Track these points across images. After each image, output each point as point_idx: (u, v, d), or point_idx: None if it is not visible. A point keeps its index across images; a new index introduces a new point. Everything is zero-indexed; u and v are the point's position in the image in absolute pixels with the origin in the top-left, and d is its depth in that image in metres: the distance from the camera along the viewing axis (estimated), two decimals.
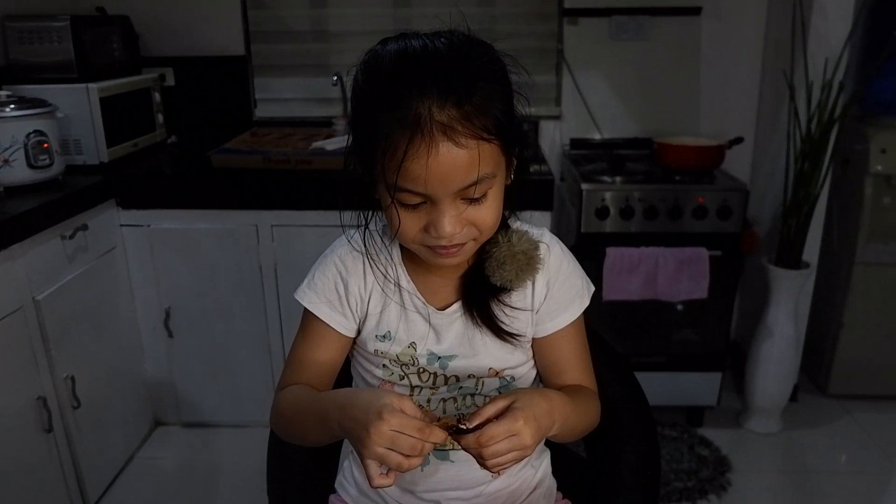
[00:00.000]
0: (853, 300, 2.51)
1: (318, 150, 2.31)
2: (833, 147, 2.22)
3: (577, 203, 2.25)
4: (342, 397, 0.84)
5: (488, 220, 0.84)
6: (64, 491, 1.98)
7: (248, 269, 2.27)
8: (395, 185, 0.78)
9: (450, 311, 0.95)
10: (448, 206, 0.80)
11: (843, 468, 2.32)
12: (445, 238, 0.82)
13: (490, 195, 0.83)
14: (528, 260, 0.91)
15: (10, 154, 1.92)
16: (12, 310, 1.74)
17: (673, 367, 2.40)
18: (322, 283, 0.96)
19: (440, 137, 0.75)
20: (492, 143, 0.79)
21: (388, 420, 0.74)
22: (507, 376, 0.98)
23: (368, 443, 0.74)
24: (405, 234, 0.84)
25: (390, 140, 0.76)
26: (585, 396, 0.97)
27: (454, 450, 0.98)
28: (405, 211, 0.82)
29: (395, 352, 0.95)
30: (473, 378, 0.96)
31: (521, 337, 0.95)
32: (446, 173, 0.77)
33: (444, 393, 0.96)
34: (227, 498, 2.18)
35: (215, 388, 2.43)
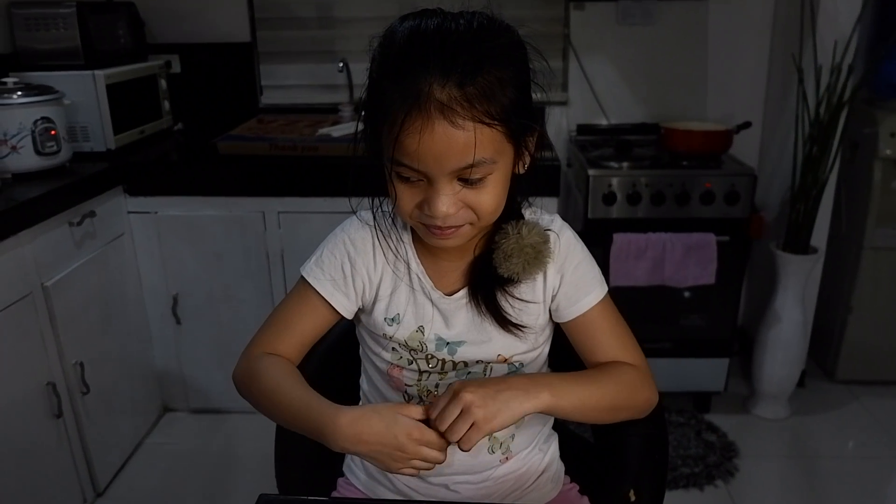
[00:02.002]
0: (861, 285, 2.50)
1: (325, 136, 2.30)
2: (842, 131, 2.20)
3: (583, 189, 2.24)
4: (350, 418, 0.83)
5: (486, 206, 0.83)
6: (74, 476, 2.00)
7: (255, 256, 2.27)
8: (392, 158, 0.79)
9: (456, 297, 0.95)
10: (443, 186, 0.80)
11: (850, 453, 2.32)
12: (439, 218, 0.81)
13: (490, 181, 0.81)
14: (536, 253, 0.90)
15: (17, 141, 1.93)
16: (21, 296, 1.75)
17: (680, 353, 2.40)
18: (329, 261, 0.96)
19: (436, 115, 0.75)
20: (494, 129, 0.78)
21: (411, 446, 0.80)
22: (516, 362, 0.97)
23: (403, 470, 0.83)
24: (402, 209, 0.84)
25: (391, 113, 0.77)
26: (611, 371, 0.94)
27: None
28: (403, 184, 0.82)
29: (404, 336, 0.95)
30: (482, 364, 0.96)
31: (527, 329, 0.94)
32: (440, 152, 0.76)
33: (451, 378, 0.96)
34: (235, 483, 2.19)
35: (223, 375, 2.44)
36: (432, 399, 0.97)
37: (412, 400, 0.99)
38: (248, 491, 0.85)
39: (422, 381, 0.97)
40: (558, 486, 1.09)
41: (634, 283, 2.24)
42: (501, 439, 1.00)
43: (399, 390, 0.99)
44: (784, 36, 2.46)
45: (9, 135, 1.92)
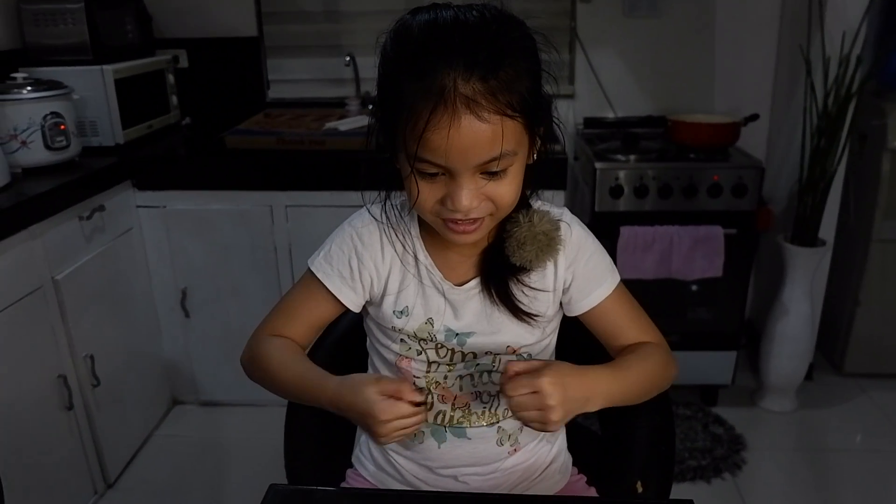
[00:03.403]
0: (869, 278, 2.49)
1: (332, 130, 2.31)
2: (850, 123, 2.19)
3: (590, 182, 2.24)
4: (333, 393, 0.88)
5: (507, 198, 0.84)
6: (85, 467, 2.02)
7: (263, 250, 2.28)
8: (416, 155, 0.78)
9: (467, 288, 0.95)
10: (467, 180, 0.80)
11: (858, 447, 2.32)
12: (462, 212, 0.82)
13: (510, 172, 0.82)
14: (548, 241, 0.91)
15: (27, 136, 1.94)
16: (32, 289, 1.77)
17: (687, 346, 2.39)
18: (337, 256, 0.97)
19: (463, 110, 0.75)
20: (515, 120, 0.78)
21: (385, 422, 0.81)
22: (524, 353, 0.98)
23: (380, 441, 0.85)
24: (422, 205, 0.84)
25: (413, 110, 0.76)
26: (641, 355, 0.97)
27: (471, 427, 0.99)
28: (424, 181, 0.82)
29: (413, 328, 0.95)
30: (491, 355, 0.96)
31: (539, 317, 0.95)
32: (467, 147, 0.76)
33: (460, 370, 0.97)
34: (244, 475, 2.21)
35: (231, 368, 2.43)
36: (442, 392, 0.97)
37: (421, 391, 0.98)
38: (258, 483, 0.86)
39: (430, 372, 0.97)
40: (566, 477, 1.09)
41: (642, 276, 2.24)
42: (510, 431, 1.01)
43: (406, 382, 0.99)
44: (792, 27, 2.45)
45: (18, 130, 1.94)
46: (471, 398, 0.98)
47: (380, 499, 0.98)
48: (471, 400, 0.98)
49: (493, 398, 0.98)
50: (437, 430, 1.00)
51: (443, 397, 0.98)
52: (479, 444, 1.00)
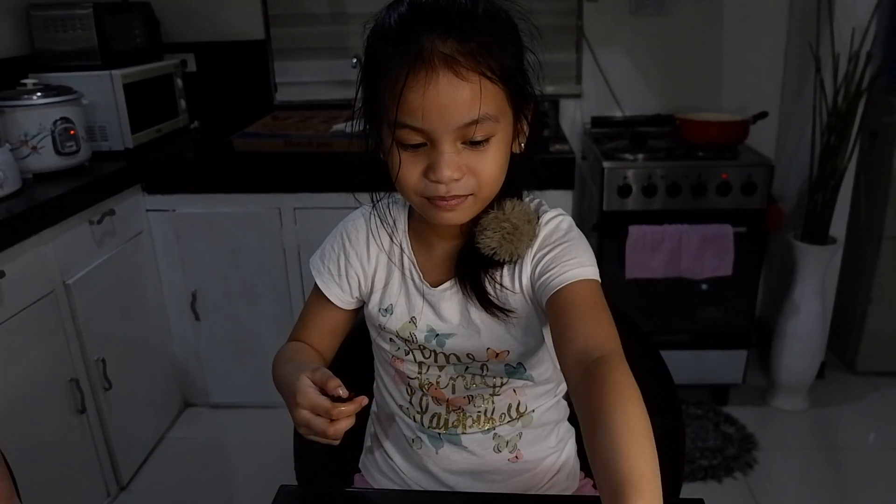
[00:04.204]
0: (881, 276, 2.47)
1: (339, 132, 2.32)
2: (860, 120, 2.18)
3: (598, 181, 2.24)
4: (288, 372, 0.87)
5: (489, 172, 0.81)
6: (98, 470, 2.03)
7: (272, 252, 2.29)
8: (395, 120, 0.77)
9: (443, 288, 0.93)
10: (448, 147, 0.78)
11: (870, 445, 2.30)
12: (444, 183, 0.80)
13: (492, 144, 0.80)
14: (514, 229, 0.87)
15: (37, 141, 1.96)
16: (44, 293, 1.78)
17: (698, 345, 2.39)
18: (329, 255, 0.98)
19: (441, 67, 0.75)
20: (496, 85, 0.78)
21: (301, 403, 0.79)
22: (513, 362, 0.94)
23: (294, 423, 0.82)
24: (404, 181, 0.82)
25: (392, 72, 0.76)
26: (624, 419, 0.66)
27: (466, 433, 0.98)
28: (406, 153, 0.80)
29: (396, 326, 0.95)
30: (476, 362, 0.94)
31: (511, 313, 0.90)
32: (445, 106, 0.75)
33: (451, 371, 0.96)
34: (255, 476, 2.22)
35: (242, 370, 2.47)
36: (434, 392, 0.97)
37: (415, 394, 0.98)
38: (268, 484, 0.87)
39: (422, 373, 0.96)
40: (574, 482, 1.08)
41: (651, 276, 2.23)
42: (507, 438, 0.99)
43: (402, 383, 0.99)
44: (801, 24, 2.44)
45: (29, 135, 1.95)
46: (464, 402, 0.96)
47: (386, 499, 0.98)
48: (464, 404, 0.96)
49: (488, 402, 0.97)
50: (433, 435, 0.99)
51: (436, 399, 0.97)
52: (477, 452, 0.98)
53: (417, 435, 1.00)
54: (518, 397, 0.97)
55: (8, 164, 1.83)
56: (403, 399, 1.00)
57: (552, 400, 1.01)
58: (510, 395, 0.97)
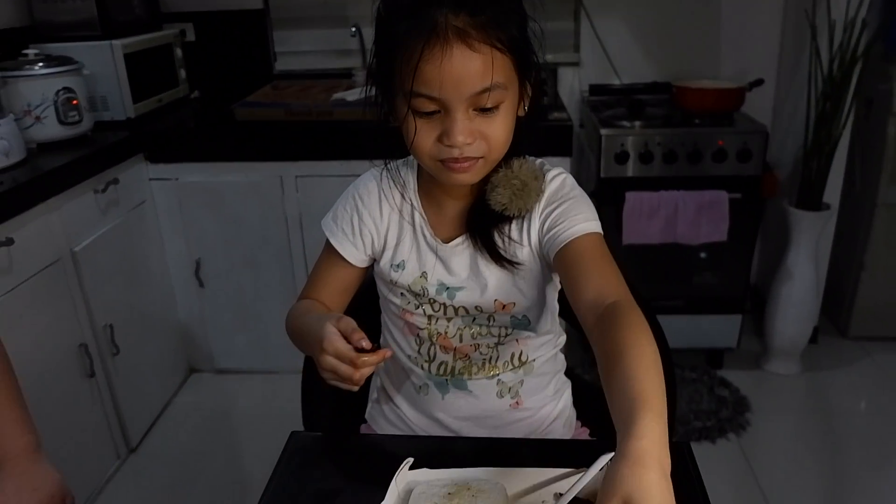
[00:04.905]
0: (875, 242, 2.51)
1: (339, 101, 2.33)
2: (857, 88, 2.20)
3: (596, 148, 2.26)
4: (309, 322, 0.91)
5: (498, 135, 0.87)
6: (108, 434, 2.09)
7: (274, 220, 2.32)
8: (412, 90, 0.82)
9: (454, 244, 0.99)
10: (461, 115, 0.83)
11: (862, 408, 2.36)
12: (457, 147, 0.85)
13: (501, 110, 0.85)
14: (522, 186, 0.93)
15: (41, 111, 1.98)
16: (52, 261, 1.82)
17: (693, 310, 2.43)
18: (341, 215, 1.03)
19: (455, 40, 0.79)
20: (505, 56, 0.82)
21: (327, 350, 0.81)
22: (518, 314, 1.00)
23: (318, 368, 0.84)
24: (419, 146, 0.87)
25: (407, 45, 0.80)
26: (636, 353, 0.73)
27: (471, 379, 1.04)
28: (420, 120, 0.85)
29: (407, 281, 1.00)
30: (481, 310, 1.00)
31: (520, 265, 0.97)
32: (459, 76, 0.80)
33: (459, 323, 1.01)
34: (260, 441, 2.27)
35: (246, 337, 2.51)
36: (442, 341, 1.02)
37: (423, 344, 1.03)
38: (274, 446, 0.91)
39: (431, 324, 1.02)
40: (570, 430, 1.14)
41: (647, 242, 2.27)
42: (510, 384, 1.05)
43: (412, 335, 1.04)
44: None
45: (32, 105, 1.97)
46: (470, 350, 1.02)
47: (394, 442, 1.03)
48: (471, 352, 1.02)
49: (492, 350, 1.03)
50: (440, 381, 1.05)
51: (444, 348, 1.03)
52: (480, 396, 1.04)
53: (425, 382, 1.05)
54: (520, 347, 1.04)
55: (12, 134, 1.86)
56: (412, 349, 1.05)
57: (552, 351, 1.08)
58: (513, 345, 1.03)
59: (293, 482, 0.88)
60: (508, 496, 0.77)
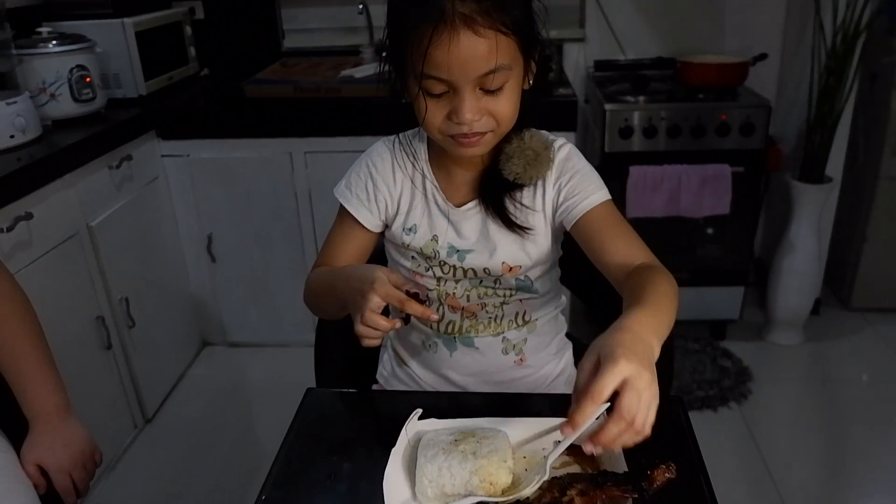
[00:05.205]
0: (877, 215, 2.53)
1: (347, 78, 2.36)
2: (861, 61, 2.21)
3: (601, 123, 2.29)
4: (348, 270, 0.97)
5: (505, 112, 0.92)
6: (125, 404, 2.15)
7: (284, 196, 2.37)
8: (422, 73, 0.87)
9: (466, 208, 1.05)
10: (468, 94, 0.88)
11: (862, 378, 2.40)
12: (466, 125, 0.90)
13: (507, 88, 0.90)
14: (535, 156, 0.99)
15: (55, 89, 2.02)
16: (69, 235, 1.87)
17: (697, 283, 2.47)
18: (356, 182, 1.08)
19: (461, 27, 0.84)
20: (509, 38, 0.87)
21: (377, 290, 0.86)
22: (522, 276, 1.06)
23: (363, 306, 0.86)
24: (430, 123, 0.93)
25: (417, 31, 0.86)
26: (655, 281, 0.88)
27: (478, 336, 1.09)
28: (431, 99, 0.91)
29: (419, 244, 1.05)
30: (489, 273, 1.05)
31: (530, 231, 1.03)
32: (466, 60, 0.85)
33: (466, 284, 1.07)
34: (273, 411, 2.32)
35: (257, 310, 2.57)
36: (450, 301, 1.07)
37: (433, 304, 1.09)
38: (286, 417, 0.95)
39: (440, 286, 1.08)
40: (572, 388, 1.18)
41: (651, 215, 2.30)
42: (515, 342, 1.11)
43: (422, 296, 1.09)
44: None
45: (47, 83, 2.01)
46: (477, 309, 1.08)
47: (404, 397, 1.09)
48: (477, 311, 1.08)
49: (498, 309, 1.08)
50: (448, 339, 1.10)
51: (452, 308, 1.08)
52: (486, 353, 1.10)
53: (433, 340, 1.11)
54: (524, 307, 1.09)
55: (28, 111, 1.90)
56: None
57: (553, 312, 1.15)
58: (517, 305, 1.09)
59: (310, 433, 0.93)
60: (511, 444, 0.82)
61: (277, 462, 0.86)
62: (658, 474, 0.70)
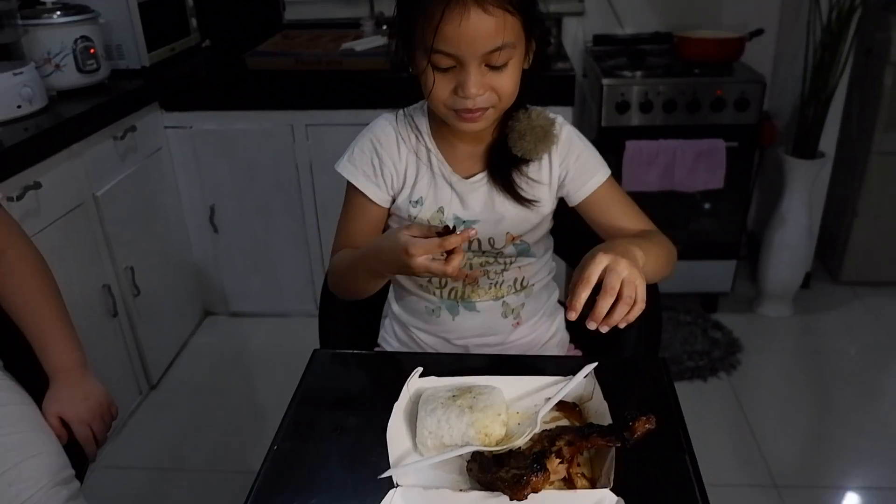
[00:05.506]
0: (868, 190, 2.58)
1: (348, 51, 2.39)
2: (857, 37, 2.24)
3: (598, 98, 2.32)
4: (371, 247, 1.01)
5: (507, 88, 0.97)
6: (130, 370, 2.21)
7: (285, 167, 2.40)
8: (432, 47, 0.91)
9: (474, 180, 1.09)
10: (474, 70, 0.93)
11: (849, 349, 2.46)
12: (471, 99, 0.95)
13: (510, 65, 0.95)
14: (544, 133, 1.05)
15: (60, 59, 2.04)
16: (77, 204, 1.91)
17: (689, 256, 2.50)
18: (360, 158, 1.11)
19: (472, 4, 0.89)
20: (515, 17, 0.92)
21: (415, 254, 0.89)
22: (517, 241, 1.12)
23: (413, 271, 0.92)
24: (437, 95, 0.97)
25: (429, 7, 0.90)
26: (651, 235, 1.07)
27: (480, 301, 1.15)
28: (438, 73, 0.95)
29: (426, 216, 1.09)
30: (493, 243, 1.11)
31: (537, 203, 1.09)
32: (475, 36, 0.90)
33: (469, 255, 1.12)
34: (274, 378, 2.39)
35: (259, 280, 2.62)
36: None
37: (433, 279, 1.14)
38: (286, 386, 1.00)
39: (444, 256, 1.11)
40: (564, 349, 1.26)
41: (646, 189, 2.34)
42: (513, 306, 1.17)
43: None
44: None
45: (52, 53, 2.04)
46: (479, 275, 1.13)
47: (406, 357, 1.15)
48: (479, 276, 1.13)
49: (499, 275, 1.14)
50: (451, 304, 1.16)
51: None
52: (487, 316, 1.16)
53: (437, 306, 1.17)
54: (522, 273, 1.16)
55: (34, 81, 1.93)
56: (424, 279, 1.15)
57: (547, 277, 1.21)
58: (516, 271, 1.15)
59: (317, 389, 0.99)
60: (505, 399, 0.87)
61: (287, 416, 0.92)
62: (639, 425, 0.75)
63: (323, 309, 1.31)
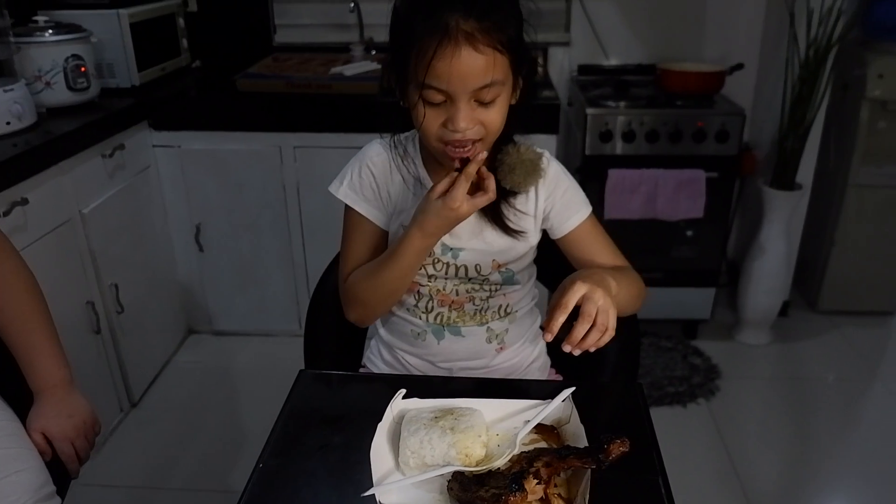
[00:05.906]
0: (845, 220, 2.64)
1: (338, 75, 2.42)
2: (834, 73, 2.31)
3: (582, 127, 2.37)
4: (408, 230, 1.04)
5: (495, 123, 1.00)
6: (112, 387, 2.20)
7: (273, 188, 2.42)
8: (424, 82, 0.94)
9: None
10: (464, 105, 0.96)
11: (827, 377, 2.50)
12: (460, 132, 0.98)
13: (498, 102, 0.98)
14: (533, 167, 1.07)
15: (51, 77, 2.06)
16: (63, 221, 1.91)
17: (670, 283, 2.56)
18: (359, 183, 1.14)
19: (464, 43, 0.92)
20: (504, 56, 0.95)
21: (458, 207, 0.98)
22: (503, 269, 1.15)
23: (461, 218, 1.00)
24: (427, 129, 1.00)
25: (422, 44, 0.93)
26: (624, 271, 1.14)
27: (465, 326, 1.17)
28: (429, 107, 0.98)
29: None
30: (480, 270, 1.13)
31: (524, 234, 1.13)
32: (465, 73, 0.93)
33: (456, 282, 1.15)
34: (258, 397, 2.39)
35: (243, 299, 2.62)
36: (441, 297, 1.15)
37: (423, 299, 1.17)
38: (270, 406, 1.01)
39: (432, 282, 1.15)
40: (545, 374, 1.29)
41: (628, 216, 2.38)
42: (497, 331, 1.19)
43: (413, 292, 1.17)
44: None
45: (43, 71, 2.06)
46: (465, 301, 1.16)
47: (390, 379, 1.17)
48: (465, 303, 1.16)
49: (484, 302, 1.17)
50: (437, 328, 1.18)
51: (441, 301, 1.16)
52: (471, 341, 1.18)
53: (423, 330, 1.19)
54: (507, 300, 1.18)
55: (24, 98, 1.94)
56: (411, 303, 1.18)
57: (531, 303, 1.24)
58: (501, 298, 1.18)
59: (303, 408, 1.00)
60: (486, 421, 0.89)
61: (274, 434, 0.93)
62: (613, 448, 0.78)
63: (308, 328, 1.32)
